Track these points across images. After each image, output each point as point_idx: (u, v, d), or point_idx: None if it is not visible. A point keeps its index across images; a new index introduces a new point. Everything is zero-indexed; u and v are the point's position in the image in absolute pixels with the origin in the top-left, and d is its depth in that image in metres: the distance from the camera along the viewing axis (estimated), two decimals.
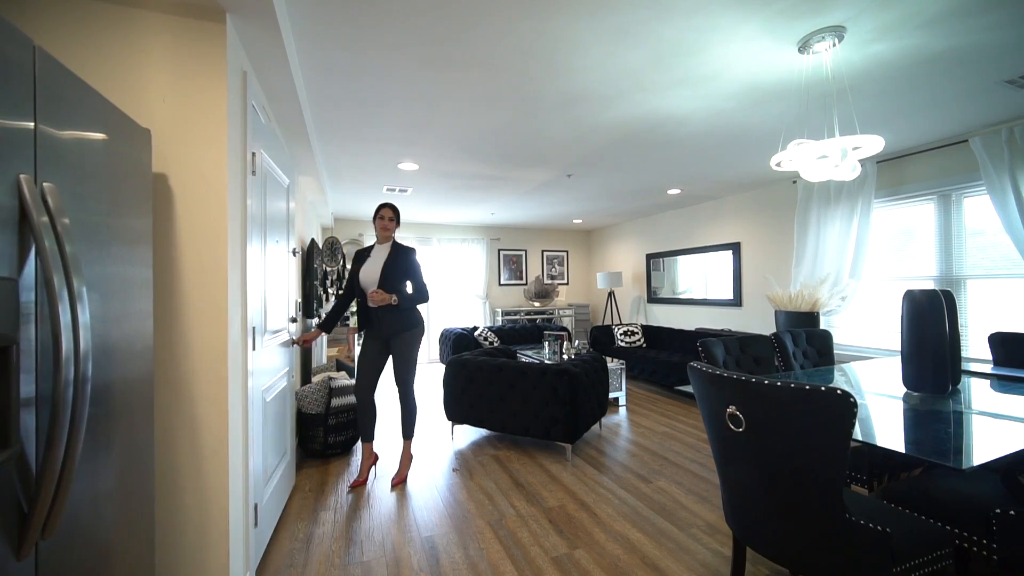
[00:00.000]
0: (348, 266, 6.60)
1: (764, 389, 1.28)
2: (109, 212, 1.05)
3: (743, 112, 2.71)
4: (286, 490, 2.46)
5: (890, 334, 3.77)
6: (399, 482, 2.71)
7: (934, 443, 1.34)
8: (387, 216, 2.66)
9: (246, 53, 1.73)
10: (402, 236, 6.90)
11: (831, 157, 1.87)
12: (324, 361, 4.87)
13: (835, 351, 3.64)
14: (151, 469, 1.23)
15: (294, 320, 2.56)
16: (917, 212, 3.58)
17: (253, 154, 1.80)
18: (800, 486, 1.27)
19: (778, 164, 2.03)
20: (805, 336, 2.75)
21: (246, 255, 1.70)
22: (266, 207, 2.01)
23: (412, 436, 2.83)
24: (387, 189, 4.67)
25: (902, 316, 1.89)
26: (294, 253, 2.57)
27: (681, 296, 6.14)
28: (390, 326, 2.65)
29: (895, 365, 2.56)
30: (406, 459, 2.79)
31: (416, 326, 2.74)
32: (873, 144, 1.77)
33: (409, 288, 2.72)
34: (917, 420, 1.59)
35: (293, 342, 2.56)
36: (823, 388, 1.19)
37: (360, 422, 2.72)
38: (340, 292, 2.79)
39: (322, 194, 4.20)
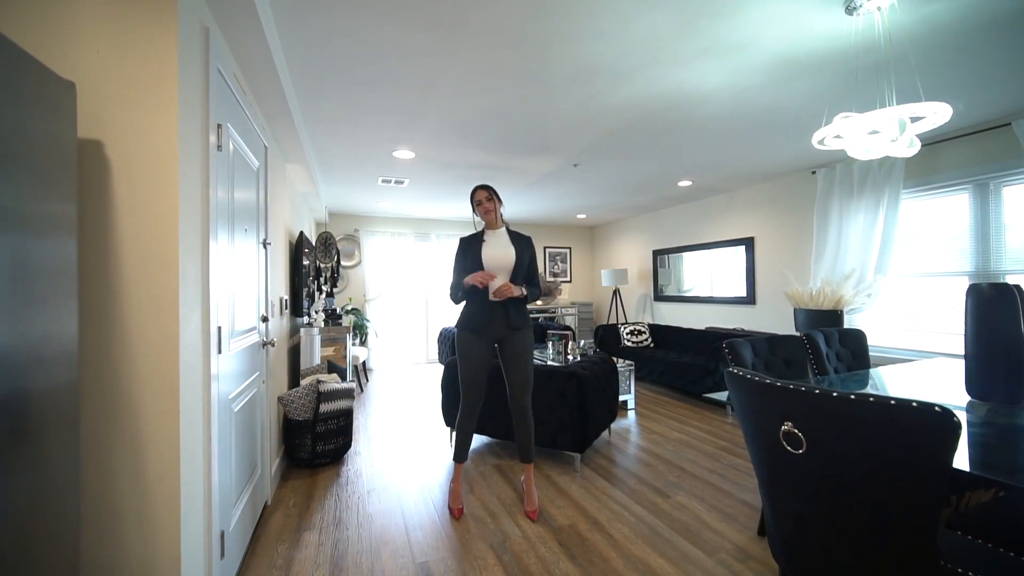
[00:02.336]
0: (343, 263, 6.36)
1: (834, 403, 1.04)
2: (2, 183, 0.80)
3: (771, 89, 2.46)
4: (257, 510, 2.23)
5: (920, 335, 3.52)
6: (536, 511, 2.25)
7: None
8: (482, 197, 2.29)
9: (208, 5, 1.48)
10: (397, 231, 6.66)
11: (884, 131, 1.62)
12: (317, 362, 4.62)
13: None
14: (75, 499, 0.99)
15: (265, 319, 2.31)
16: (950, 203, 3.34)
17: (219, 126, 1.55)
18: (879, 524, 1.03)
19: (821, 141, 1.78)
20: (838, 336, 2.51)
21: (208, 243, 1.45)
22: (233, 190, 1.77)
23: (533, 457, 2.37)
24: (382, 181, 4.42)
25: (966, 313, 1.65)
26: (265, 245, 2.32)
27: (686, 294, 5.90)
28: (509, 323, 2.25)
29: (935, 368, 2.32)
30: (532, 484, 2.33)
31: (531, 324, 2.36)
32: (938, 113, 1.53)
33: None
34: (995, 435, 1.35)
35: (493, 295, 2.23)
36: (915, 403, 0.94)
37: (461, 441, 2.30)
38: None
39: (313, 185, 3.96)
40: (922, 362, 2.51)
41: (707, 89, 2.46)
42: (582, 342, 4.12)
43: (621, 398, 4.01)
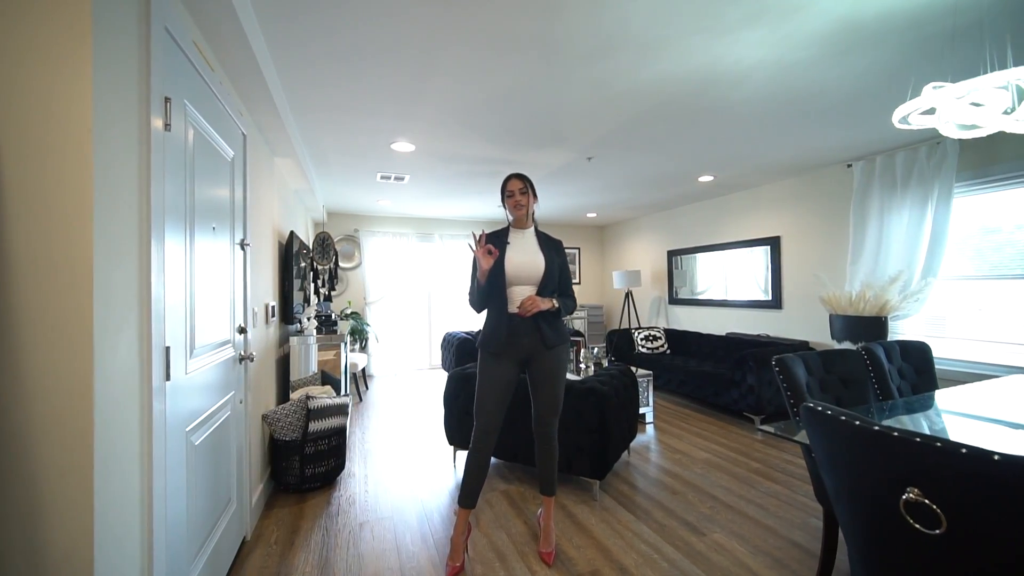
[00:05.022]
0: (342, 264, 6.09)
1: (1000, 471, 0.73)
2: None
3: (820, 66, 2.14)
4: (233, 548, 1.94)
5: (975, 346, 3.18)
6: (552, 553, 1.94)
7: None
8: (516, 189, 1.95)
9: None
10: (399, 231, 6.38)
11: (990, 103, 1.30)
12: (314, 369, 4.34)
13: None
14: None
15: (243, 331, 2.03)
16: (1011, 198, 2.99)
17: (167, 99, 1.26)
18: None
19: (903, 119, 1.47)
20: (899, 350, 2.18)
21: (150, 245, 1.16)
22: (194, 181, 1.48)
23: (556, 490, 2.07)
24: (381, 177, 4.13)
25: None
26: (243, 246, 2.04)
27: (699, 296, 5.57)
28: (542, 339, 1.90)
29: (1012, 388, 1.98)
30: (552, 523, 2.02)
31: (568, 339, 2.02)
32: None
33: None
34: None
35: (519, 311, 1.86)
36: None
37: (468, 479, 1.88)
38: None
39: (306, 181, 3.67)
40: (996, 380, 2.17)
41: (746, 66, 2.15)
42: (594, 348, 3.81)
43: (639, 410, 3.69)
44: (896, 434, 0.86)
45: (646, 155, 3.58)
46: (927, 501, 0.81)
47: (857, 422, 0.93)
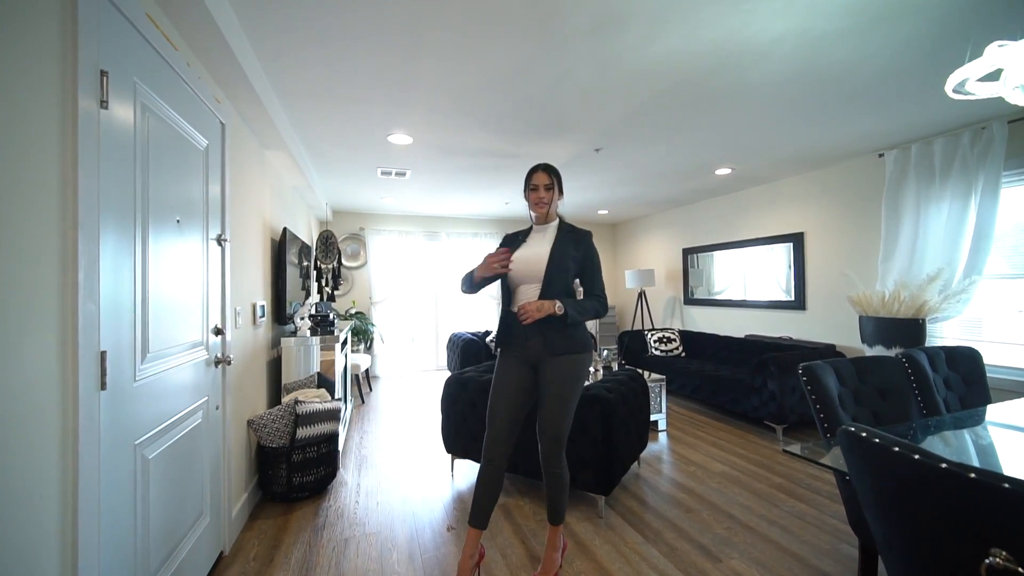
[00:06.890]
0: (348, 263, 6.00)
1: None
2: None
3: (852, 39, 1.91)
4: (207, 564, 1.81)
5: (1017, 350, 2.88)
6: None
7: None
8: (541, 184, 1.76)
9: None
10: (405, 230, 6.25)
11: None
12: (315, 369, 4.23)
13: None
14: None
15: (220, 332, 1.90)
16: None
17: (103, 73, 1.12)
18: None
19: (959, 86, 1.24)
20: (944, 356, 1.93)
21: (75, 239, 1.02)
22: (148, 170, 1.34)
23: (563, 519, 1.79)
24: (382, 172, 4.00)
25: None
26: (220, 242, 1.91)
27: (716, 297, 5.30)
28: (545, 343, 1.70)
29: None
30: (554, 551, 1.78)
31: (586, 348, 1.75)
32: None
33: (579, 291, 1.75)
34: None
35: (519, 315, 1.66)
36: None
37: (478, 497, 1.68)
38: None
39: (303, 177, 3.55)
40: None
41: (767, 40, 1.92)
42: (604, 351, 3.62)
43: (651, 418, 3.48)
44: (973, 476, 0.66)
45: (658, 145, 3.36)
46: (1021, 570, 0.61)
47: (916, 456, 0.73)
